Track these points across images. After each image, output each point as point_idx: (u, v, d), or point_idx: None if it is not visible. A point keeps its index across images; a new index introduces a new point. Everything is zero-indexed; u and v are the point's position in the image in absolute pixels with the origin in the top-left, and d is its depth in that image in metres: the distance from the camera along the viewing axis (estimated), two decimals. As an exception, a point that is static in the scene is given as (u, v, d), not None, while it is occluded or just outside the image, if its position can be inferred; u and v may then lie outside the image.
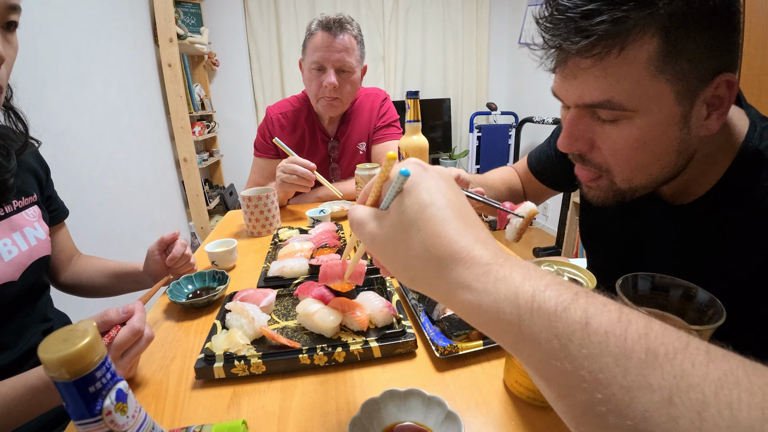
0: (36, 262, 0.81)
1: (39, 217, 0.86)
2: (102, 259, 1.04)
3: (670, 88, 0.52)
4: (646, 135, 0.55)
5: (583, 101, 0.56)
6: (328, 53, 1.40)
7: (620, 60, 0.51)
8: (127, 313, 0.59)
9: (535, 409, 0.54)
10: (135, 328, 0.58)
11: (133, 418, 0.31)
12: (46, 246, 0.85)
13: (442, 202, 0.34)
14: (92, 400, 0.29)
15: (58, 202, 0.98)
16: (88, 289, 1.00)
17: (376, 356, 0.63)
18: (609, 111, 0.55)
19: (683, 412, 0.22)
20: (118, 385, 0.31)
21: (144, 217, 2.30)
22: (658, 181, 0.61)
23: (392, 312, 0.69)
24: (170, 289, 0.82)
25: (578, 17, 0.51)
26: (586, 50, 0.52)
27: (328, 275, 0.57)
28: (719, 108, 0.55)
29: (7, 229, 0.77)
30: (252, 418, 0.53)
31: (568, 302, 0.27)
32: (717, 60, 0.52)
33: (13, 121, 0.78)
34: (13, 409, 0.57)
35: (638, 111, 0.54)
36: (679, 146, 0.57)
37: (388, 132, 1.64)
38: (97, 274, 1.00)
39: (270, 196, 1.18)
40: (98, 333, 0.30)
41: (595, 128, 0.59)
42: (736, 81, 0.53)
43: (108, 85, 2.03)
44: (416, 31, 3.99)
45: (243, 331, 0.65)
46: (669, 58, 0.51)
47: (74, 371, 0.28)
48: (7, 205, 0.79)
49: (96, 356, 0.29)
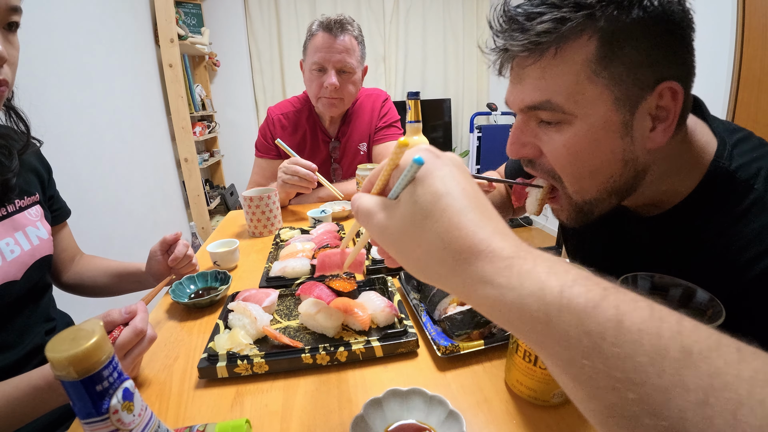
0: (38, 261, 0.81)
1: (41, 217, 0.86)
2: (104, 259, 1.05)
3: (608, 92, 0.53)
4: (585, 140, 0.55)
5: (525, 103, 0.58)
6: (329, 54, 1.41)
7: (558, 59, 0.53)
8: (129, 314, 0.60)
9: (536, 408, 0.54)
10: (138, 328, 0.58)
11: (140, 416, 0.32)
12: (48, 245, 0.85)
13: (458, 191, 0.32)
14: (99, 398, 0.29)
15: (60, 202, 0.98)
16: (91, 289, 1.01)
17: (378, 356, 0.63)
18: (549, 112, 0.56)
19: (718, 412, 0.21)
20: (124, 384, 0.31)
21: (145, 217, 2.31)
22: (609, 192, 0.60)
23: (394, 312, 0.69)
24: (173, 289, 0.82)
25: (522, 19, 0.53)
26: (527, 48, 0.54)
27: (326, 264, 0.56)
28: (665, 120, 0.55)
29: (10, 228, 0.78)
30: (255, 417, 0.54)
31: (598, 299, 0.26)
32: (658, 69, 0.52)
33: (14, 121, 0.78)
34: (16, 408, 0.57)
35: (577, 115, 0.54)
36: (624, 156, 0.56)
37: (389, 132, 1.64)
38: (99, 274, 1.00)
39: (271, 196, 1.19)
40: (105, 332, 0.30)
41: (539, 134, 0.59)
42: (680, 90, 0.53)
43: (109, 85, 2.04)
44: (417, 31, 3.99)
45: (246, 331, 0.66)
46: (606, 62, 0.52)
47: (82, 370, 0.29)
48: (10, 204, 0.79)
49: (103, 355, 0.29)
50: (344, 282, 0.76)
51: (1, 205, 0.77)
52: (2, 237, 0.75)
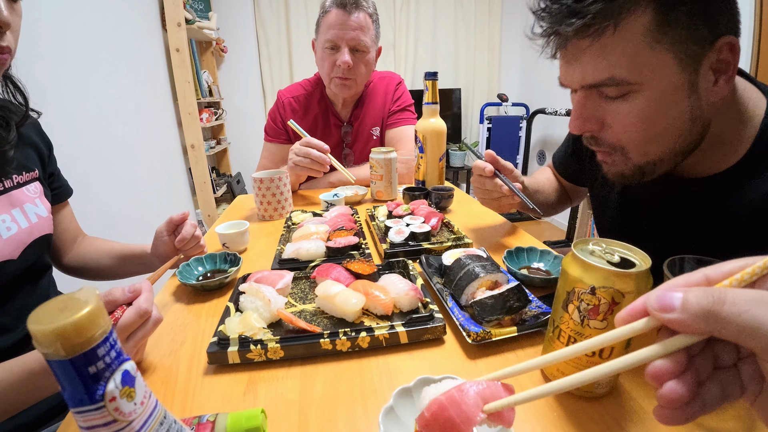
0: (37, 240, 0.77)
1: (40, 194, 0.82)
2: (108, 241, 1.01)
3: (670, 56, 0.53)
4: (656, 105, 0.56)
5: (587, 82, 0.58)
6: (342, 31, 1.35)
7: (617, 37, 0.53)
8: (133, 293, 0.54)
9: (577, 399, 0.49)
10: (142, 309, 0.53)
11: (142, 405, 0.27)
12: (47, 224, 0.81)
13: None
14: (93, 382, 0.24)
15: (61, 180, 0.94)
16: (94, 272, 0.97)
17: (402, 342, 0.58)
18: (614, 88, 0.57)
19: None
20: (124, 366, 0.26)
21: (151, 203, 2.27)
22: (675, 152, 0.61)
23: (418, 295, 0.64)
24: (179, 271, 0.77)
25: (570, 1, 0.53)
26: (582, 31, 0.54)
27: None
28: (725, 72, 0.56)
29: (6, 204, 0.74)
30: (270, 406, 0.49)
31: None
32: (714, 24, 0.53)
33: (11, 92, 0.74)
34: (9, 394, 0.53)
35: (643, 83, 0.55)
36: (692, 114, 0.57)
37: (403, 116, 1.59)
38: (103, 255, 0.96)
39: (282, 178, 1.14)
40: (102, 302, 0.25)
41: (603, 107, 0.60)
42: (737, 43, 0.54)
43: (115, 67, 1.98)
44: (427, 19, 3.91)
45: (259, 314, 0.61)
46: (664, 28, 0.52)
47: (71, 347, 0.23)
48: (7, 179, 0.75)
49: (98, 330, 0.24)
50: (363, 264, 0.71)
51: (1, 179, 0.74)
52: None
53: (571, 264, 0.46)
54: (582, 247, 0.47)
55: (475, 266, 0.66)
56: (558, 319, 0.49)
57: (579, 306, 0.45)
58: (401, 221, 0.96)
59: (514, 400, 0.34)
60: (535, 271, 0.79)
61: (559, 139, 3.81)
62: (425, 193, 1.20)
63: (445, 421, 0.34)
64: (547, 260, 0.81)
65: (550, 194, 1.08)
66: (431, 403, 0.35)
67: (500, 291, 0.61)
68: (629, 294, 0.42)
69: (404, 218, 0.98)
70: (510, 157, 3.87)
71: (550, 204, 1.08)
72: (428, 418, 0.35)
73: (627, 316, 0.31)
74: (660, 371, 0.28)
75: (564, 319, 0.48)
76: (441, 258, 0.77)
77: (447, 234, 0.96)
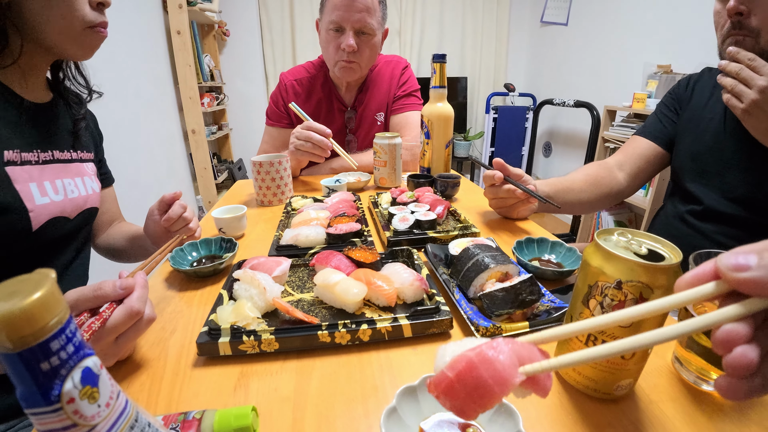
0: (89, 209, 0.86)
1: (95, 174, 0.92)
2: (128, 224, 1.07)
3: None
4: None
5: None
6: (348, 13, 1.30)
7: None
8: (125, 289, 0.49)
9: (593, 401, 0.46)
10: (133, 309, 0.48)
11: (107, 407, 0.23)
12: (97, 199, 0.90)
13: None
14: (46, 380, 0.21)
15: (106, 168, 1.04)
16: (117, 253, 1.02)
17: (406, 336, 0.54)
18: None
19: None
20: (85, 362, 0.22)
21: (151, 187, 2.24)
22: None
23: (424, 286, 0.60)
24: (172, 256, 0.73)
25: None
26: None
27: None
28: None
29: (74, 172, 0.83)
30: (262, 403, 0.45)
31: None
32: None
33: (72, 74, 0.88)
34: None
35: None
36: None
37: (408, 102, 1.54)
38: (119, 237, 1.01)
39: (282, 162, 1.09)
40: (57, 286, 0.21)
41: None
42: None
43: (114, 49, 1.93)
44: (434, 6, 3.84)
45: (253, 303, 0.57)
46: None
47: (19, 338, 0.20)
48: (77, 151, 0.86)
49: (52, 318, 0.21)
50: (365, 252, 0.67)
51: (73, 150, 0.84)
52: (69, 176, 0.81)
53: (594, 255, 0.42)
54: (607, 237, 0.43)
55: (484, 256, 0.62)
56: (577, 315, 0.45)
57: (602, 301, 0.41)
58: (405, 209, 0.92)
59: (557, 363, 0.29)
60: (546, 263, 0.75)
61: (566, 130, 3.76)
62: (430, 180, 1.16)
63: (475, 383, 0.28)
64: (559, 252, 0.77)
65: (585, 191, 1.09)
66: (456, 361, 0.29)
67: (512, 283, 0.57)
68: (659, 290, 0.38)
69: (409, 205, 0.94)
70: (516, 148, 3.82)
71: (584, 202, 1.09)
72: (452, 380, 0.28)
73: (692, 279, 0.29)
74: (732, 334, 0.26)
75: (584, 316, 0.44)
76: (447, 247, 0.73)
77: (453, 222, 0.92)
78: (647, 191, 2.49)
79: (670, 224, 1.03)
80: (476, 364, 0.28)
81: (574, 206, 1.09)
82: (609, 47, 3.15)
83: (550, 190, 1.03)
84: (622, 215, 2.82)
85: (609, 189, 1.11)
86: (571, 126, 3.69)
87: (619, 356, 0.42)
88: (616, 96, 2.98)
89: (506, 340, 0.30)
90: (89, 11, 0.71)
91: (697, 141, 0.98)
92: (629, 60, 2.96)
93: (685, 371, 0.49)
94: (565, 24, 3.63)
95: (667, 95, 1.13)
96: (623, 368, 0.43)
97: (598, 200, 1.11)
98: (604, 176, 1.12)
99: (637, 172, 1.12)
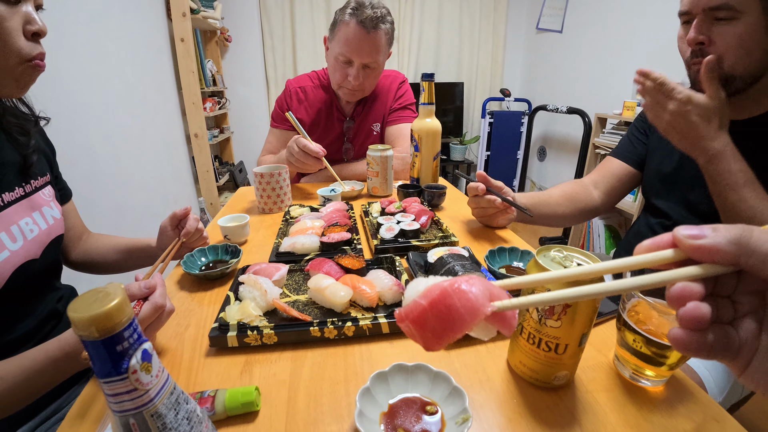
0: (54, 240, 0.83)
1: (53, 197, 0.88)
2: (113, 236, 1.05)
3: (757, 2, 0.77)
4: (747, 31, 0.79)
5: (709, 5, 0.81)
6: (358, 51, 1.38)
7: None
8: (149, 289, 0.60)
9: (536, 389, 0.55)
10: (158, 304, 0.59)
11: (157, 377, 0.33)
12: (60, 225, 0.87)
13: None
14: (119, 358, 0.31)
15: (63, 182, 0.99)
16: (102, 266, 1.02)
17: (384, 332, 0.65)
18: (726, 11, 0.79)
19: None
20: (143, 346, 0.32)
21: (156, 190, 2.33)
22: (751, 73, 0.84)
23: (401, 290, 0.70)
24: (184, 261, 0.84)
25: None
26: None
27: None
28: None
29: (28, 208, 0.79)
30: (264, 384, 0.56)
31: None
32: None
33: (13, 102, 0.79)
34: (36, 380, 0.59)
35: (743, 12, 0.78)
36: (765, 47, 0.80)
37: (403, 114, 1.64)
38: (109, 251, 1.01)
39: (282, 173, 1.19)
40: (126, 295, 0.31)
41: (712, 29, 0.83)
42: None
43: (122, 59, 2.03)
44: (432, 11, 3.92)
45: (256, 303, 0.67)
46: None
47: (103, 330, 0.29)
48: (28, 184, 0.80)
49: (124, 317, 0.30)
50: (353, 259, 0.77)
51: (23, 184, 0.79)
52: (23, 217, 0.76)
53: (533, 269, 0.52)
54: (544, 254, 0.53)
55: (455, 264, 0.72)
56: (521, 318, 0.55)
57: (538, 307, 0.51)
58: (393, 219, 1.02)
59: (526, 302, 0.32)
60: (515, 270, 0.85)
61: (560, 135, 3.85)
62: (419, 190, 1.26)
63: (447, 310, 0.29)
64: (527, 260, 0.86)
65: (561, 205, 1.19)
66: (429, 290, 0.30)
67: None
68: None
69: (396, 216, 1.04)
70: (511, 152, 3.91)
71: (559, 215, 1.19)
72: (425, 307, 0.30)
73: (651, 245, 0.31)
74: (685, 291, 0.29)
75: (527, 318, 0.54)
76: (426, 255, 0.83)
77: (435, 232, 1.02)
78: (636, 197, 2.58)
79: (643, 235, 1.12)
80: (450, 293, 0.30)
81: (549, 218, 1.18)
82: (602, 55, 3.22)
83: (528, 202, 1.12)
84: (612, 219, 2.91)
85: (584, 205, 1.21)
86: (565, 132, 3.77)
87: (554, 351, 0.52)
88: (608, 103, 3.06)
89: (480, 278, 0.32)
90: (24, 43, 0.66)
91: (664, 161, 1.07)
92: (621, 68, 3.02)
93: (622, 367, 0.58)
94: (560, 31, 3.70)
95: (638, 118, 1.22)
96: (559, 362, 0.53)
97: (572, 215, 1.20)
98: (579, 192, 1.21)
99: (610, 191, 1.21)
